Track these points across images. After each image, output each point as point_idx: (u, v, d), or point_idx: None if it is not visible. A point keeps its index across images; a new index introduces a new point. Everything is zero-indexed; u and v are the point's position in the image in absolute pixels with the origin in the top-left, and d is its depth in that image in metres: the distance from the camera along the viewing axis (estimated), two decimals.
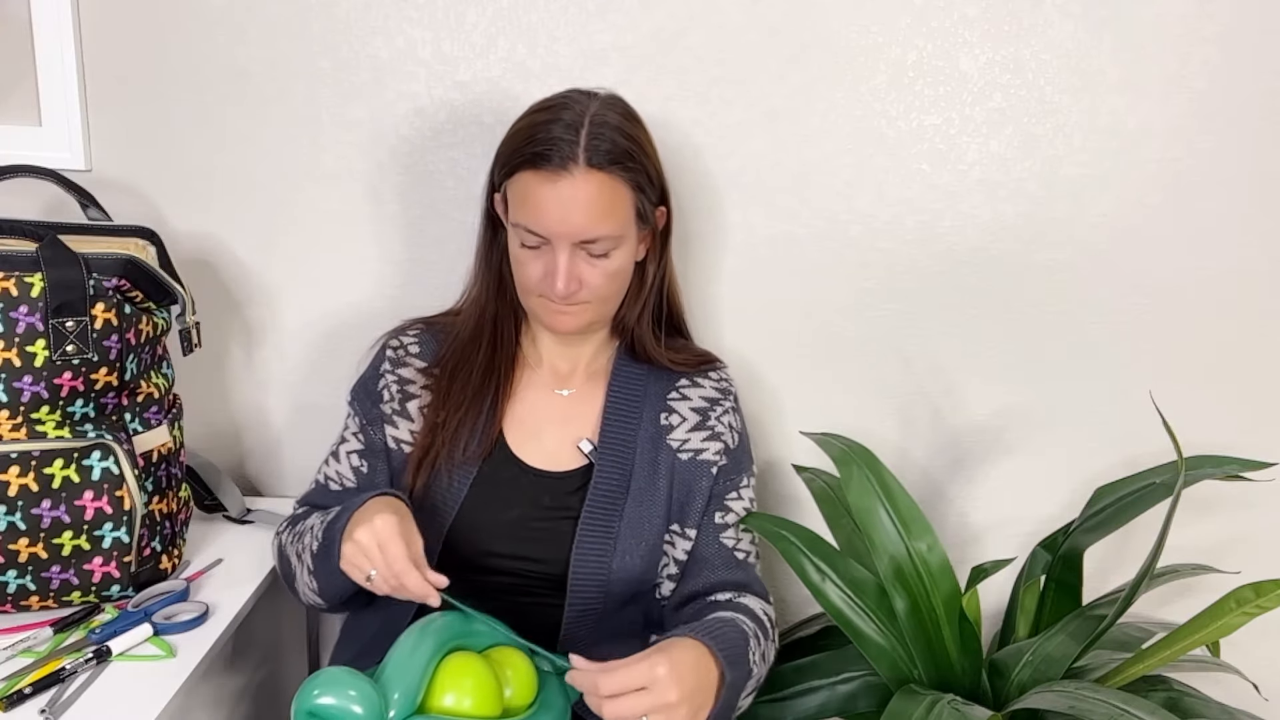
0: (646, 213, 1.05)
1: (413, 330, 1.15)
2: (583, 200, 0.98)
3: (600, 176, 0.98)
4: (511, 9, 1.24)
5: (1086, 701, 0.90)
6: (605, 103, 1.03)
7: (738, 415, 1.17)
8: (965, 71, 1.23)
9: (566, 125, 0.99)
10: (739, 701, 0.97)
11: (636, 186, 1.01)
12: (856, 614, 1.07)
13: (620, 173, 0.99)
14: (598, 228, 0.99)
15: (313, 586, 1.03)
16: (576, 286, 1.02)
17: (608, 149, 0.98)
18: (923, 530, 1.08)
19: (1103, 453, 1.34)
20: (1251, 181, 1.25)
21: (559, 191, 0.98)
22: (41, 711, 0.90)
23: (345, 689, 0.84)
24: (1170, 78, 1.22)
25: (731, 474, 1.13)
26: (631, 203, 1.02)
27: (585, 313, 1.05)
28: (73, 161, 1.28)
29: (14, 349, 1.00)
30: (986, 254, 1.29)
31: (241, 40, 1.26)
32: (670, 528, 1.09)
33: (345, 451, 1.13)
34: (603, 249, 1.01)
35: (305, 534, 1.05)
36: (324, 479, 1.14)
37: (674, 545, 1.10)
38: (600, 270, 1.02)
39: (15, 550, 1.01)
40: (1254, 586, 0.98)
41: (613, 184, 0.99)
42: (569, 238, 0.99)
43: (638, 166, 1.01)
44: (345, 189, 1.30)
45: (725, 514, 1.12)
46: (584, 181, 0.98)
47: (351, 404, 1.15)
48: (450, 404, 1.08)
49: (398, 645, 0.91)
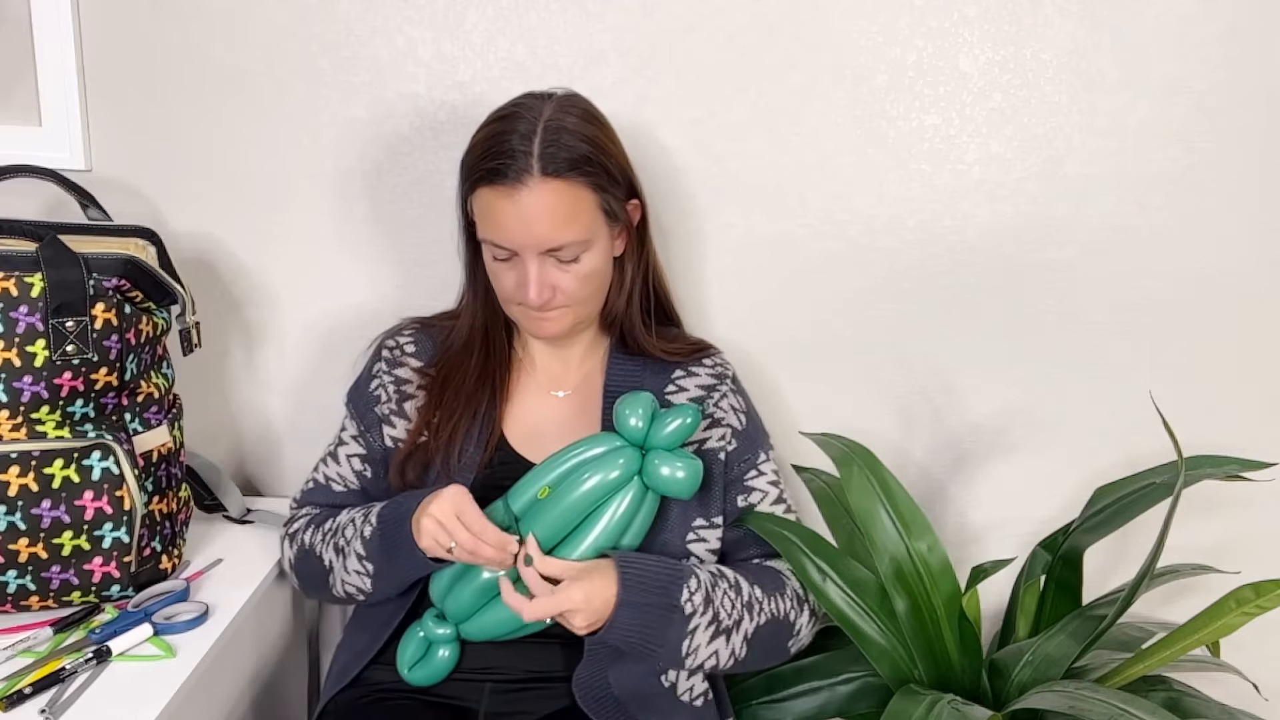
0: (614, 210, 1.04)
1: (408, 331, 1.15)
2: (543, 210, 0.97)
3: (557, 184, 0.97)
4: (511, 9, 1.24)
5: (1086, 701, 0.90)
6: (560, 105, 1.02)
7: (739, 395, 1.16)
8: (965, 71, 1.23)
9: (521, 136, 0.98)
10: (676, 634, 0.98)
11: (598, 187, 1.01)
12: (857, 614, 1.07)
13: (578, 177, 0.99)
14: (561, 235, 0.99)
15: (365, 575, 1.04)
16: (550, 295, 1.02)
17: (565, 156, 0.98)
18: (923, 530, 1.08)
19: (1103, 453, 1.34)
20: (1251, 181, 1.25)
21: (518, 205, 0.97)
22: (41, 711, 0.90)
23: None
24: (1170, 78, 1.22)
25: (745, 454, 1.13)
26: (595, 205, 1.01)
27: (566, 317, 1.05)
28: (73, 161, 1.28)
29: (14, 349, 1.00)
30: (986, 254, 1.29)
31: (241, 40, 1.26)
32: (694, 524, 1.08)
33: (345, 455, 1.13)
34: (572, 254, 1.01)
35: (345, 528, 1.05)
36: (324, 479, 1.14)
37: (704, 540, 1.08)
38: (573, 275, 1.02)
39: (15, 550, 1.01)
40: (1254, 586, 0.98)
41: (572, 190, 0.98)
42: (534, 248, 0.99)
43: (596, 168, 1.00)
44: (345, 189, 1.30)
45: (748, 495, 1.12)
46: (541, 191, 0.97)
47: (348, 406, 1.15)
48: (444, 410, 1.09)
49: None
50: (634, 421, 1.00)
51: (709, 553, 1.09)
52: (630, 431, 1.00)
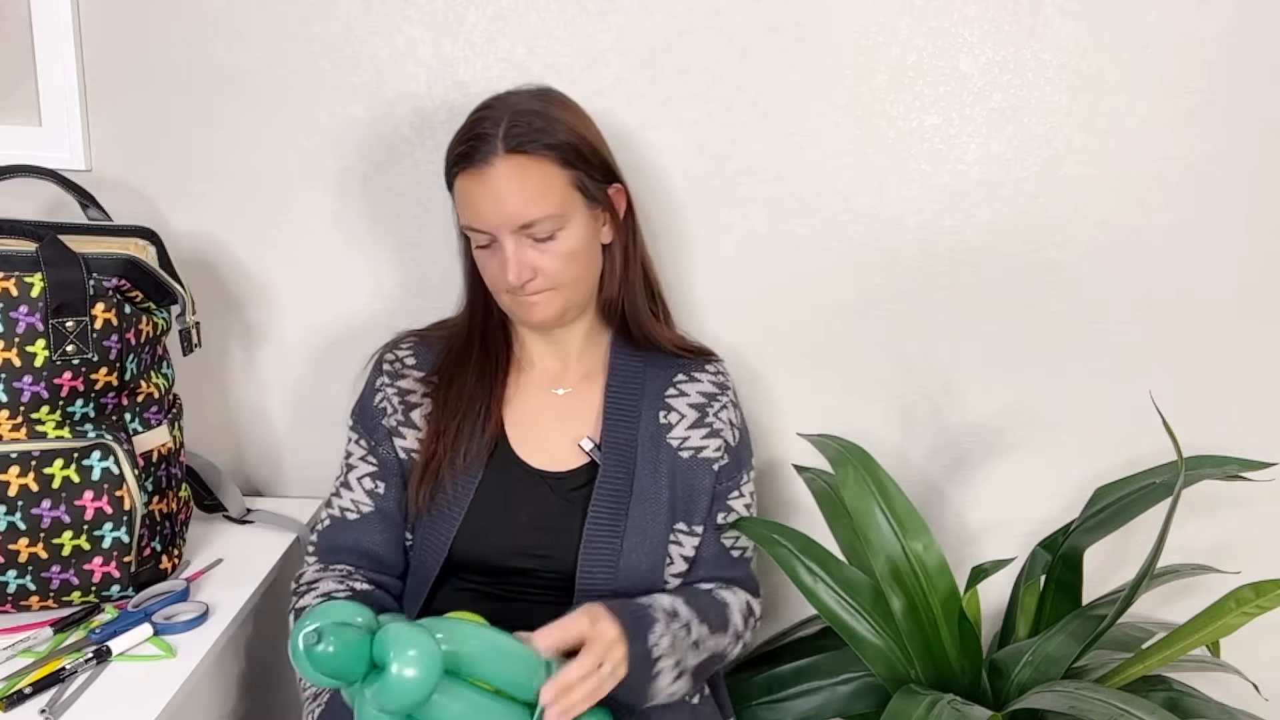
0: (590, 190, 1.05)
1: (405, 343, 1.15)
2: (511, 187, 1.00)
3: (522, 159, 1.00)
4: (511, 9, 1.24)
5: (1086, 701, 0.90)
6: (531, 95, 1.06)
7: (736, 410, 1.17)
8: (965, 71, 1.23)
9: (491, 121, 1.01)
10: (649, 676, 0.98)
11: (566, 163, 1.02)
12: (850, 615, 1.08)
13: (545, 152, 1.01)
14: (531, 210, 1.00)
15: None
16: (530, 275, 1.02)
17: (530, 134, 1.00)
18: (919, 530, 1.08)
19: (1103, 453, 1.34)
20: (1251, 181, 1.25)
21: (488, 184, 1.00)
22: (41, 711, 0.90)
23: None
24: (1170, 78, 1.22)
25: (733, 472, 1.14)
26: (566, 181, 1.02)
27: (554, 301, 1.05)
28: (73, 161, 1.28)
29: (14, 349, 1.00)
30: (986, 254, 1.29)
31: (241, 40, 1.26)
32: (675, 526, 1.09)
33: (355, 478, 1.11)
34: (546, 230, 1.02)
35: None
36: (339, 512, 1.11)
37: (680, 544, 1.10)
38: (552, 255, 1.03)
39: (15, 550, 1.01)
40: (1254, 586, 0.98)
41: (538, 164, 1.01)
42: (507, 226, 1.01)
43: (563, 146, 1.02)
44: (345, 189, 1.30)
45: (727, 514, 1.13)
46: (507, 168, 1.00)
47: (354, 428, 1.14)
48: (449, 411, 1.09)
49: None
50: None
51: (683, 558, 1.10)
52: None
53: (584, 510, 1.06)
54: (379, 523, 1.09)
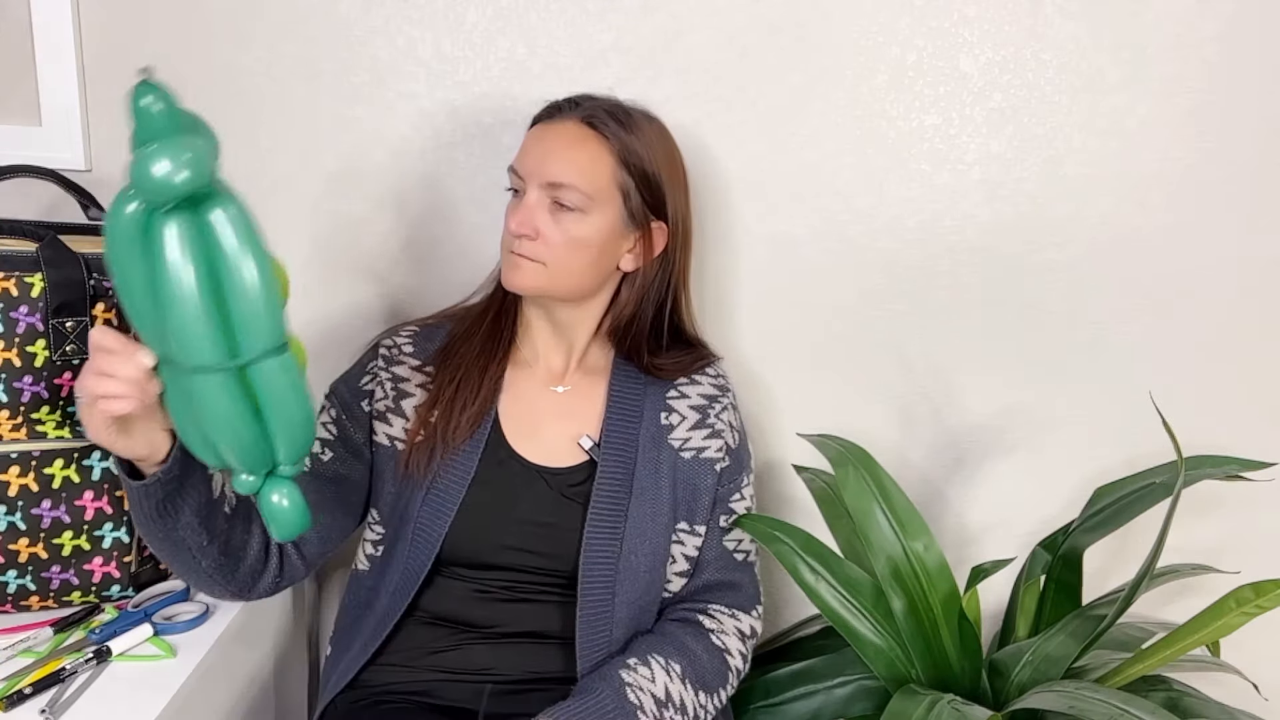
0: (633, 205, 1.05)
1: (405, 331, 1.15)
2: (562, 143, 1.03)
3: (587, 131, 1.04)
4: (511, 9, 1.24)
5: (1086, 701, 0.90)
6: (635, 106, 1.09)
7: (736, 412, 1.17)
8: (965, 71, 1.23)
9: (586, 98, 1.07)
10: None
11: (624, 163, 1.04)
12: (852, 614, 1.08)
13: (610, 138, 1.03)
14: (567, 172, 1.02)
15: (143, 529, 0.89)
16: (531, 232, 1.03)
17: (607, 116, 1.04)
18: (919, 530, 1.08)
19: (1103, 453, 1.34)
20: (1251, 181, 1.25)
21: (546, 134, 1.05)
22: (41, 711, 0.90)
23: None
24: (1170, 78, 1.22)
25: (734, 474, 1.14)
26: (613, 176, 1.04)
27: (536, 275, 1.04)
28: (73, 161, 1.28)
29: (14, 349, 1.00)
30: (986, 254, 1.29)
31: (242, 41, 1.26)
32: (677, 526, 1.09)
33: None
34: (570, 201, 1.02)
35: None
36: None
37: (683, 543, 1.10)
38: (561, 229, 1.03)
39: (15, 550, 1.01)
40: (1254, 586, 0.98)
41: (599, 143, 1.03)
42: (539, 176, 1.03)
43: (631, 148, 1.04)
44: (345, 189, 1.30)
45: (729, 517, 1.13)
46: (571, 128, 1.04)
47: (329, 397, 1.12)
48: (447, 373, 1.08)
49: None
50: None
51: (685, 558, 1.10)
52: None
53: (584, 507, 1.06)
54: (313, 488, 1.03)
